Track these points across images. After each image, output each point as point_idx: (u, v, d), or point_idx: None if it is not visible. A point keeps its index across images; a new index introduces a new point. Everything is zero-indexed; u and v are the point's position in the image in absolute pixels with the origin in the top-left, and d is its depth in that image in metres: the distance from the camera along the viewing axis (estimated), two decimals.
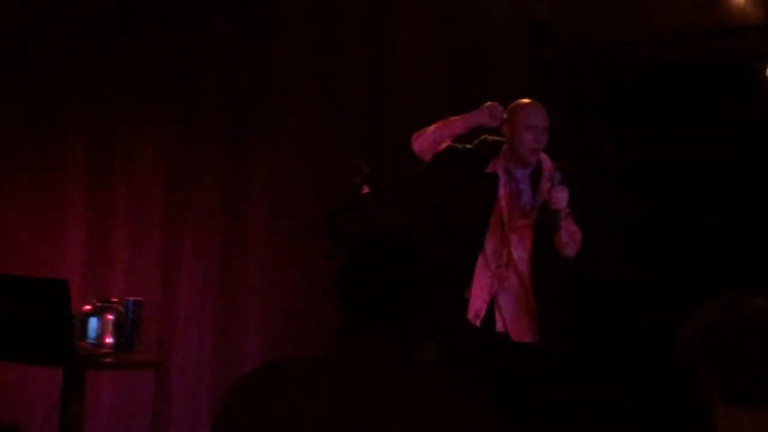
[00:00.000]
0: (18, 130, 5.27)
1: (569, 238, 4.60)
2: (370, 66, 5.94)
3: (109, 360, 4.61)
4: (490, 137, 4.82)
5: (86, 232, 5.42)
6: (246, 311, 5.76)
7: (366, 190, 4.94)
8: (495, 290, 4.59)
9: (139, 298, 4.82)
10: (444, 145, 4.78)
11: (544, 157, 4.74)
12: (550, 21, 5.90)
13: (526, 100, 4.74)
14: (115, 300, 4.77)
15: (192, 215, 5.69)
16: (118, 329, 4.66)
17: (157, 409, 5.57)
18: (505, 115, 4.72)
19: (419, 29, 5.97)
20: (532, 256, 4.60)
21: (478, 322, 4.61)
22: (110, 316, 4.65)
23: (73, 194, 5.39)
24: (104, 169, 5.49)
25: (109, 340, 4.64)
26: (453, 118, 4.78)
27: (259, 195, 5.79)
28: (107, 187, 5.49)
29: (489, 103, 4.78)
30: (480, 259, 4.63)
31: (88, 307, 4.68)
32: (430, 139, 4.79)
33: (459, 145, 4.79)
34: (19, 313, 4.36)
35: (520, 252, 4.61)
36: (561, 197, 4.53)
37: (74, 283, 4.57)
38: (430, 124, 5.62)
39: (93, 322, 4.64)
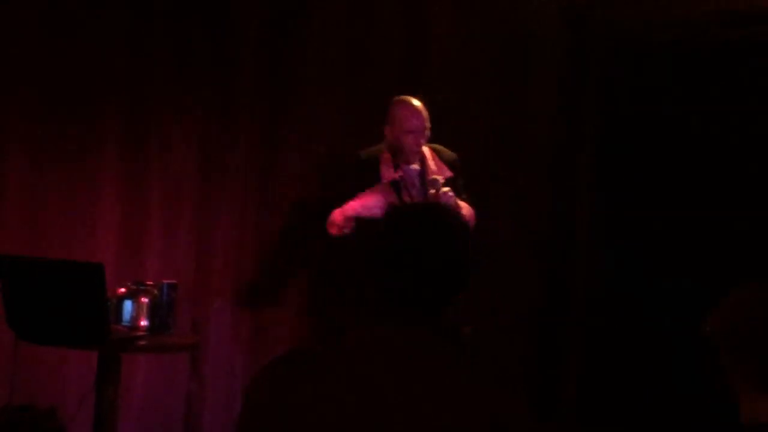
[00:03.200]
0: (53, 115, 5.29)
1: None
2: (405, 57, 5.90)
3: (143, 343, 4.62)
4: (364, 152, 5.06)
5: (121, 216, 5.44)
6: (280, 293, 5.76)
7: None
8: None
9: (174, 281, 4.84)
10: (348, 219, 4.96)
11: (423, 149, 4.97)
12: (586, 5, 5.85)
13: (404, 101, 4.99)
14: (150, 283, 4.78)
15: (226, 198, 5.69)
16: (153, 312, 4.67)
17: (191, 391, 5.59)
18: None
19: (455, 17, 5.92)
20: None
21: None
22: (145, 299, 4.67)
23: (107, 178, 5.41)
24: (139, 152, 5.50)
25: (143, 322, 4.66)
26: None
27: (291, 180, 5.79)
28: (142, 171, 5.50)
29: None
30: None
31: (122, 290, 4.70)
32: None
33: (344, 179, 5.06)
34: (54, 297, 4.38)
35: None
36: (446, 200, 4.77)
37: (109, 266, 4.60)
38: (464, 116, 5.68)
39: (128, 305, 4.66)
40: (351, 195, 4.94)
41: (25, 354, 4.69)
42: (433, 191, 4.84)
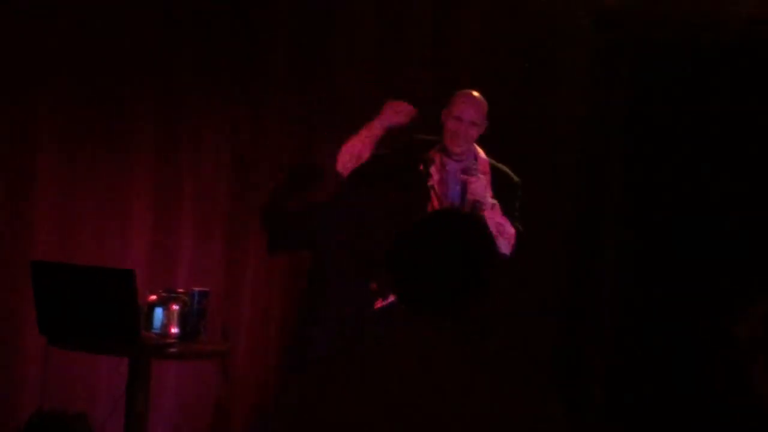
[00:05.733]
0: (83, 120, 5.30)
1: (496, 230, 4.58)
2: (434, 60, 5.90)
3: (174, 350, 4.63)
4: (420, 136, 4.93)
5: (152, 222, 5.44)
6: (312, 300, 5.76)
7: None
8: None
9: (205, 289, 4.84)
10: (365, 157, 4.87)
11: (482, 156, 4.83)
12: (617, 8, 5.83)
13: (464, 91, 4.87)
14: (181, 290, 4.79)
15: (258, 204, 5.69)
16: (184, 319, 4.68)
17: (222, 399, 5.59)
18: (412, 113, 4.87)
19: (483, 19, 5.92)
20: None
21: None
22: (176, 307, 4.67)
23: (138, 185, 5.42)
24: (170, 158, 5.50)
25: (174, 330, 4.66)
26: (361, 130, 4.90)
27: (325, 183, 5.77)
28: (173, 177, 5.51)
29: (389, 101, 4.92)
30: None
31: (153, 298, 4.71)
32: (347, 155, 4.90)
33: (383, 153, 4.91)
34: (86, 303, 4.41)
35: None
36: (475, 187, 4.62)
37: (140, 273, 4.60)
38: (492, 117, 5.64)
39: (158, 313, 4.67)
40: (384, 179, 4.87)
41: (56, 360, 4.70)
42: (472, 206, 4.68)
